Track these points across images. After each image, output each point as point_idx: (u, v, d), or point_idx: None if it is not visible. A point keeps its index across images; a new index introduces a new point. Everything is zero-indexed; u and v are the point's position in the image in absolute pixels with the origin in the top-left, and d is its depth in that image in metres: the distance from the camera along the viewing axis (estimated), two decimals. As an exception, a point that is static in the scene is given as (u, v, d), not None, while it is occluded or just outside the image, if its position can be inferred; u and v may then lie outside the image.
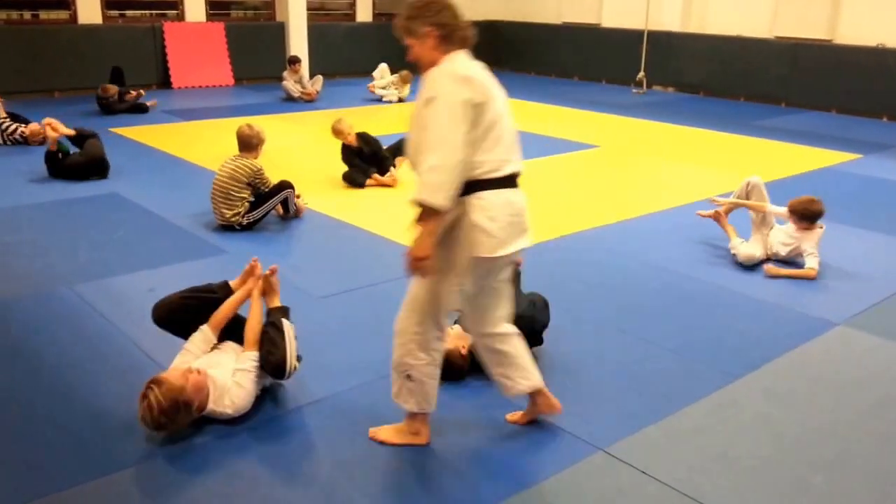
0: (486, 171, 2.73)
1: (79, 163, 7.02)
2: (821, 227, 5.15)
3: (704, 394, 3.56)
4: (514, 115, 2.87)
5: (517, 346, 3.12)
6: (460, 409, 3.38)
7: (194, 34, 13.06)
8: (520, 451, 3.10)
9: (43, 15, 12.12)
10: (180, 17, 13.14)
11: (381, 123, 9.42)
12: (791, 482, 2.95)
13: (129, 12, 12.79)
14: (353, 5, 15.19)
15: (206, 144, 8.55)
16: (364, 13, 15.30)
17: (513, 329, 3.12)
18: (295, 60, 12.08)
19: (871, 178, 7.81)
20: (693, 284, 4.89)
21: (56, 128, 6.94)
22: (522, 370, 3.12)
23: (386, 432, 3.15)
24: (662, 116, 11.23)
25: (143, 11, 12.96)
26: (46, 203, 6.34)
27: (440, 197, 2.63)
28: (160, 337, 3.49)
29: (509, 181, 2.81)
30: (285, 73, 12.03)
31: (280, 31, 13.78)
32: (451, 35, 2.78)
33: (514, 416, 3.30)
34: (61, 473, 2.89)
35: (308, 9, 13.91)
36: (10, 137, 8.31)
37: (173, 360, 3.32)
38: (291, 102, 11.73)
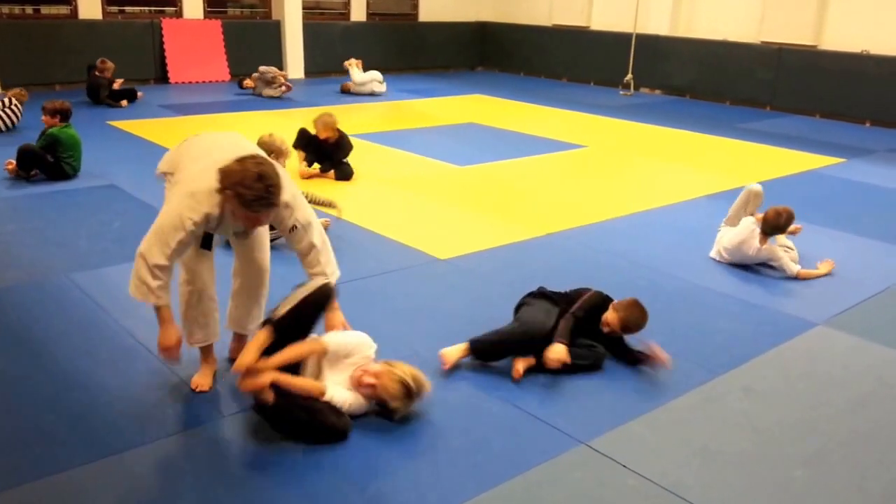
0: None
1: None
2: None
3: (686, 389, 3.63)
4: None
5: None
6: (442, 401, 3.43)
7: (192, 31, 13.20)
8: (500, 443, 3.14)
9: (44, 10, 12.24)
10: (178, 14, 13.26)
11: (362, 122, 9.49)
12: (771, 476, 3.01)
13: (128, 8, 12.90)
14: (347, 5, 15.26)
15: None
16: (358, 13, 15.40)
17: None
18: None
19: (854, 182, 7.94)
20: (677, 283, 4.98)
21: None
22: None
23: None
24: (649, 118, 11.34)
25: (141, 7, 13.06)
26: (46, 193, 6.42)
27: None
28: (153, 326, 3.54)
29: None
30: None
31: (276, 30, 13.95)
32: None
33: None
34: (57, 456, 2.95)
35: (303, 8, 14.06)
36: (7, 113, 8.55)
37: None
38: (283, 101, 11.76)
